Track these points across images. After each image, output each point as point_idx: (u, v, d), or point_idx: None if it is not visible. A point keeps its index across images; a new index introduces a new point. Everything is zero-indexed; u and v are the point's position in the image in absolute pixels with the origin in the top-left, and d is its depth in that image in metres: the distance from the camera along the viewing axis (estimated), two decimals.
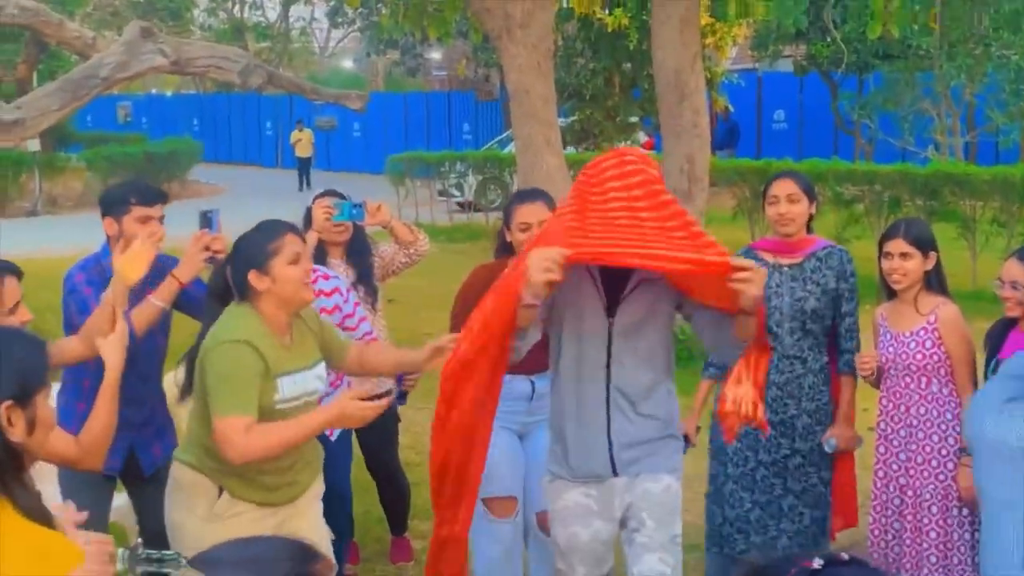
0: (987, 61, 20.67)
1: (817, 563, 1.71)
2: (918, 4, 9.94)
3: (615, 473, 4.16)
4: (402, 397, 5.75)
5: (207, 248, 4.45)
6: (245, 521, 4.05)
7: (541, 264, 3.70)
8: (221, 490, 4.06)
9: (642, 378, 4.13)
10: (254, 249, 3.96)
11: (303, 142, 30.28)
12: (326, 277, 5.11)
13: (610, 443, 4.13)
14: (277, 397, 3.96)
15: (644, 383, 4.13)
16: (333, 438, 5.35)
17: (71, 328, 4.56)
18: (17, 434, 2.24)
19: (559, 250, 3.76)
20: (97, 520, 3.98)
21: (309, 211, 5.70)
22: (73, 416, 4.30)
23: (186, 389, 4.15)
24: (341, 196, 5.71)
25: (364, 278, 5.60)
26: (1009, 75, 20.48)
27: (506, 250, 4.99)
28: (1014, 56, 20.10)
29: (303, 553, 1.99)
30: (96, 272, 4.63)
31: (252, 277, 3.93)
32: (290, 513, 4.23)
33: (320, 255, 5.44)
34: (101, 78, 8.36)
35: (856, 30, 19.90)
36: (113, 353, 3.73)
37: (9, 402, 2.22)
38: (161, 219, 4.73)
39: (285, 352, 4.01)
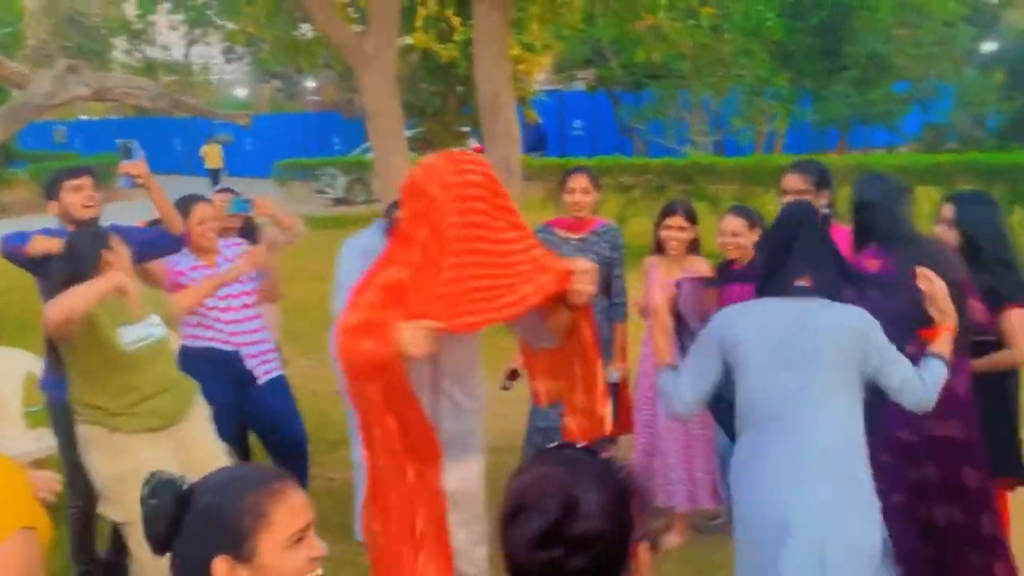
0: (728, 80, 21.25)
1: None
2: (674, 37, 10.16)
3: None
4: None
5: (128, 174, 4.07)
6: (141, 443, 3.92)
7: (415, 341, 2.92)
8: (113, 431, 3.92)
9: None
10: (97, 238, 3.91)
11: (211, 155, 29.28)
12: (237, 244, 5.22)
13: None
14: (122, 341, 3.87)
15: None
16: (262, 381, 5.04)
17: None
18: None
19: (429, 324, 2.93)
20: None
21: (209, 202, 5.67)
22: None
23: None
24: (234, 193, 5.72)
25: None
26: (744, 90, 21.18)
27: None
28: (747, 76, 20.78)
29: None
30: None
31: (105, 253, 3.89)
32: (182, 435, 4.05)
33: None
34: (35, 105, 8.11)
35: (630, 58, 20.26)
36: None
37: None
38: (92, 186, 4.55)
39: (126, 309, 3.90)
